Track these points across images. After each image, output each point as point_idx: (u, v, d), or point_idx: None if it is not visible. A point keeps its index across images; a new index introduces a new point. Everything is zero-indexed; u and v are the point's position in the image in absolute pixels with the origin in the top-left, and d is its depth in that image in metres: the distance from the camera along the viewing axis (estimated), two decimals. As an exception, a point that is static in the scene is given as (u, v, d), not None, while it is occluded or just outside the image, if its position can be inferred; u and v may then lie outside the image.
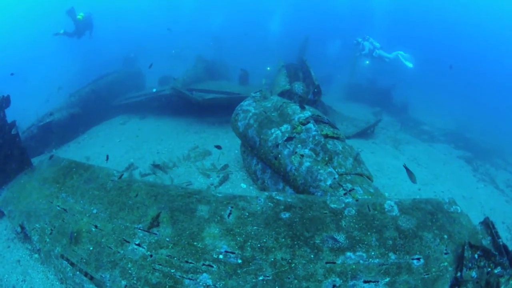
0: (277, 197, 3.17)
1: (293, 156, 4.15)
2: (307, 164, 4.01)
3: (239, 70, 11.85)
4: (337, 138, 4.33)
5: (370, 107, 14.20)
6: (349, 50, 17.38)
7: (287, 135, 4.39)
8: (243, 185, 5.01)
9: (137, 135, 8.79)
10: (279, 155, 4.31)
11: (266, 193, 3.22)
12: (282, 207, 3.08)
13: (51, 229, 3.55)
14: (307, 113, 4.58)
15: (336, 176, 3.79)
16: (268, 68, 14.10)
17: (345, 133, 8.19)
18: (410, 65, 14.70)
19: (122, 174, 3.88)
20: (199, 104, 8.11)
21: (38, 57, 23.05)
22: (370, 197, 3.68)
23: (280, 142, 4.37)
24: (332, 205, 3.13)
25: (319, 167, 3.93)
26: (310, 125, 4.35)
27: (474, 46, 31.50)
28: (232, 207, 3.09)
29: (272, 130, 4.60)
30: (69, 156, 8.27)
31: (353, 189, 3.72)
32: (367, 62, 15.60)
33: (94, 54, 18.35)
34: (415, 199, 3.04)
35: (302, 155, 4.09)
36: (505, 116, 17.21)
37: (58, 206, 3.80)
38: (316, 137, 4.18)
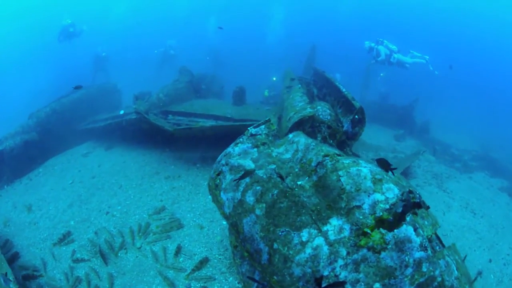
0: None
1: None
2: None
3: (234, 86, 9.55)
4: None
5: (389, 128, 11.99)
6: (359, 62, 15.32)
7: (344, 252, 1.80)
8: (231, 320, 2.64)
9: (93, 175, 6.55)
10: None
11: None
12: None
13: None
14: (393, 190, 2.02)
15: None
16: (274, 78, 11.64)
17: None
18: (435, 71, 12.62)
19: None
20: (172, 135, 5.82)
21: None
22: None
23: (325, 272, 1.79)
24: None
25: None
26: (409, 229, 1.84)
27: (475, 53, 29.81)
28: None
29: (303, 234, 1.93)
30: (13, 200, 6.33)
31: None
32: (382, 74, 13.37)
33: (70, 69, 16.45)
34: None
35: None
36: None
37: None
38: (424, 267, 1.75)
